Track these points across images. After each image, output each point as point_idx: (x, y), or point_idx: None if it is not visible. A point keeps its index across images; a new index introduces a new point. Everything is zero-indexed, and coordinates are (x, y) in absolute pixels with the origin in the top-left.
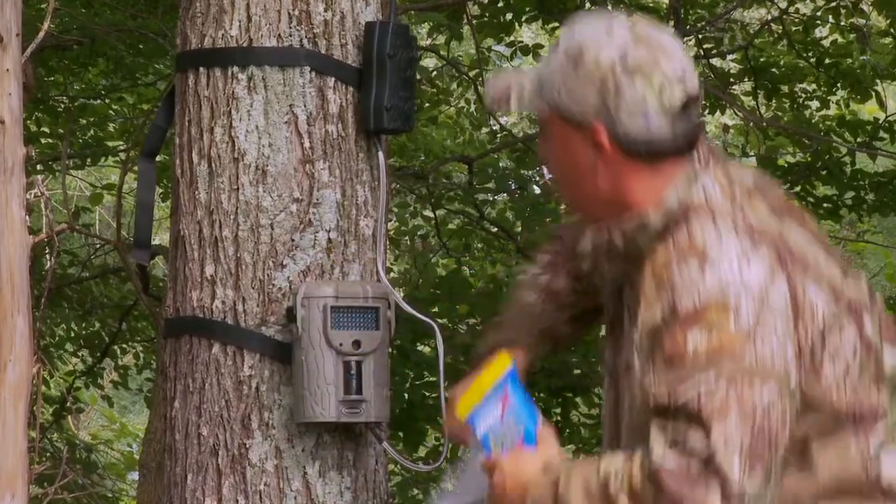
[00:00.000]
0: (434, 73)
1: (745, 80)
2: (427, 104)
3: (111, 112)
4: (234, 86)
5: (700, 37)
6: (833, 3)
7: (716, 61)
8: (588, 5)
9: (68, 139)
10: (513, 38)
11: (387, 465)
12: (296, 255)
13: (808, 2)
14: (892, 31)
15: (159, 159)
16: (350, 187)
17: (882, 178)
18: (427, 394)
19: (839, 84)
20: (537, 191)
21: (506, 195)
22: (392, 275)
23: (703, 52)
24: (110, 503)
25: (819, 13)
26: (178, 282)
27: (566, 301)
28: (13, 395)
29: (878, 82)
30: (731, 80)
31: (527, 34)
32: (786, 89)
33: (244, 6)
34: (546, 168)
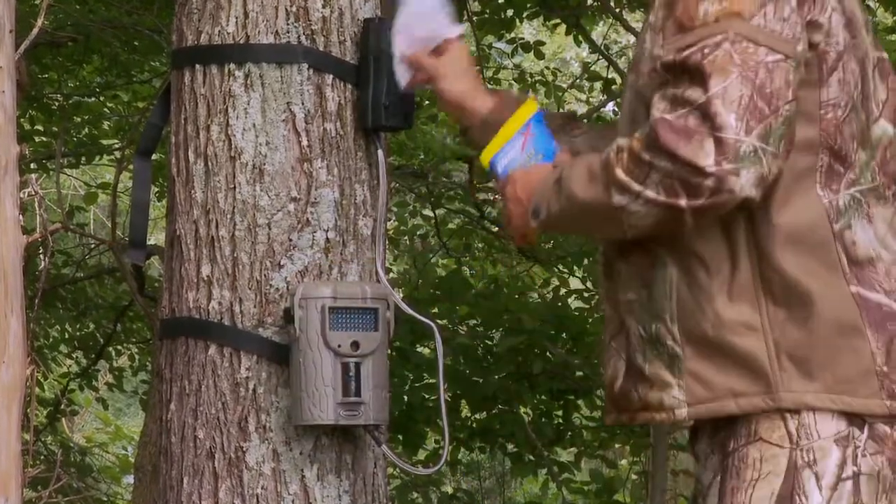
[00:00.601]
0: None
1: None
2: (427, 102)
3: (106, 110)
4: (231, 83)
5: None
6: None
7: None
8: (589, 0)
9: (62, 137)
10: (514, 34)
11: (386, 469)
12: (293, 255)
13: None
14: None
15: (155, 158)
16: (348, 186)
17: None
18: (426, 396)
19: None
20: None
21: None
22: (391, 275)
23: None
24: None
25: None
26: (173, 282)
27: None
28: (6, 398)
29: None
30: None
31: (528, 31)
32: None
33: (241, 2)
34: None
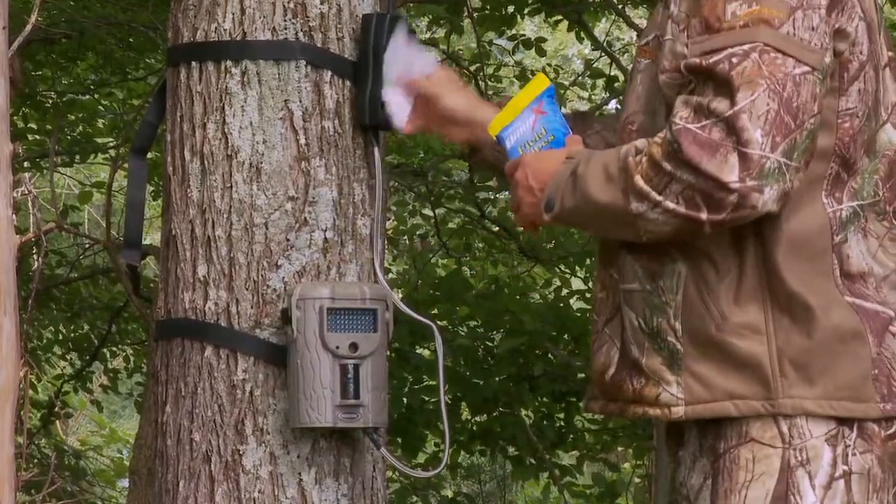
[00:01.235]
0: None
1: None
2: None
3: (100, 108)
4: (228, 80)
5: None
6: None
7: None
8: None
9: (56, 135)
10: (515, 31)
11: (385, 472)
12: (291, 255)
13: None
14: None
15: (150, 156)
16: (347, 185)
17: None
18: (426, 398)
19: None
20: None
21: (507, 193)
22: (390, 275)
23: None
24: None
25: None
26: (169, 283)
27: None
28: None
29: None
30: None
31: (529, 27)
32: None
33: None
34: None
